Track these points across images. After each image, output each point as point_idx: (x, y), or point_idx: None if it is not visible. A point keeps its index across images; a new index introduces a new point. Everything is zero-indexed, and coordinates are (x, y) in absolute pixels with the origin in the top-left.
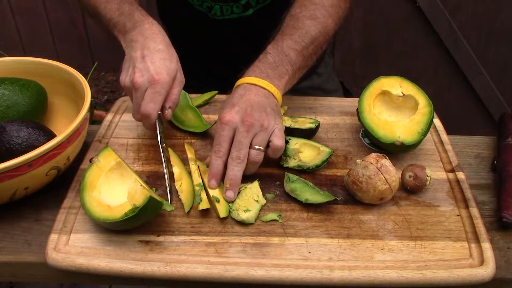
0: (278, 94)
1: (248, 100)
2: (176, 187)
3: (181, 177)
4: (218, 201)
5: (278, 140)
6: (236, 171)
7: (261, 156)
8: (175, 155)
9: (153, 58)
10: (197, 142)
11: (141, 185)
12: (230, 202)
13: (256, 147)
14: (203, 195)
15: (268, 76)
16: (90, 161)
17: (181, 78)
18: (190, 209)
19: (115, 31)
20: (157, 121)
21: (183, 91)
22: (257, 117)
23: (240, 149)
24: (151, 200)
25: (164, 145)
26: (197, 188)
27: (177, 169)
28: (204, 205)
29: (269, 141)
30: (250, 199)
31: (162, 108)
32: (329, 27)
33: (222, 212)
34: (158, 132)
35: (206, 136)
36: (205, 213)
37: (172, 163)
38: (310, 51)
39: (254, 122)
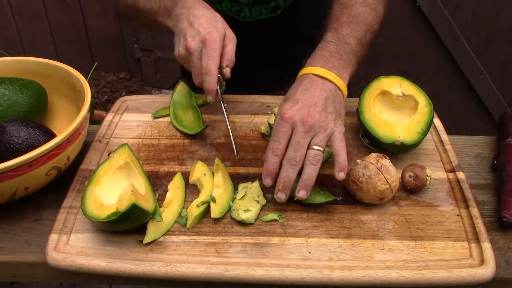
0: (344, 88)
1: (313, 97)
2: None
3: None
4: (214, 200)
5: (340, 156)
6: (290, 173)
7: (320, 156)
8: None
9: (200, 22)
10: (197, 141)
11: (131, 191)
12: (281, 203)
13: (315, 147)
14: (191, 211)
15: (334, 67)
16: (108, 155)
17: (231, 35)
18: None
19: (159, 18)
20: (217, 81)
21: (189, 90)
22: (318, 117)
23: (297, 150)
24: (134, 207)
25: (225, 105)
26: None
27: (169, 194)
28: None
29: (327, 145)
30: (251, 199)
31: (221, 68)
32: (380, 14)
33: (215, 213)
34: (219, 92)
35: (205, 136)
36: (205, 213)
37: (168, 187)
38: (367, 39)
39: (314, 122)
